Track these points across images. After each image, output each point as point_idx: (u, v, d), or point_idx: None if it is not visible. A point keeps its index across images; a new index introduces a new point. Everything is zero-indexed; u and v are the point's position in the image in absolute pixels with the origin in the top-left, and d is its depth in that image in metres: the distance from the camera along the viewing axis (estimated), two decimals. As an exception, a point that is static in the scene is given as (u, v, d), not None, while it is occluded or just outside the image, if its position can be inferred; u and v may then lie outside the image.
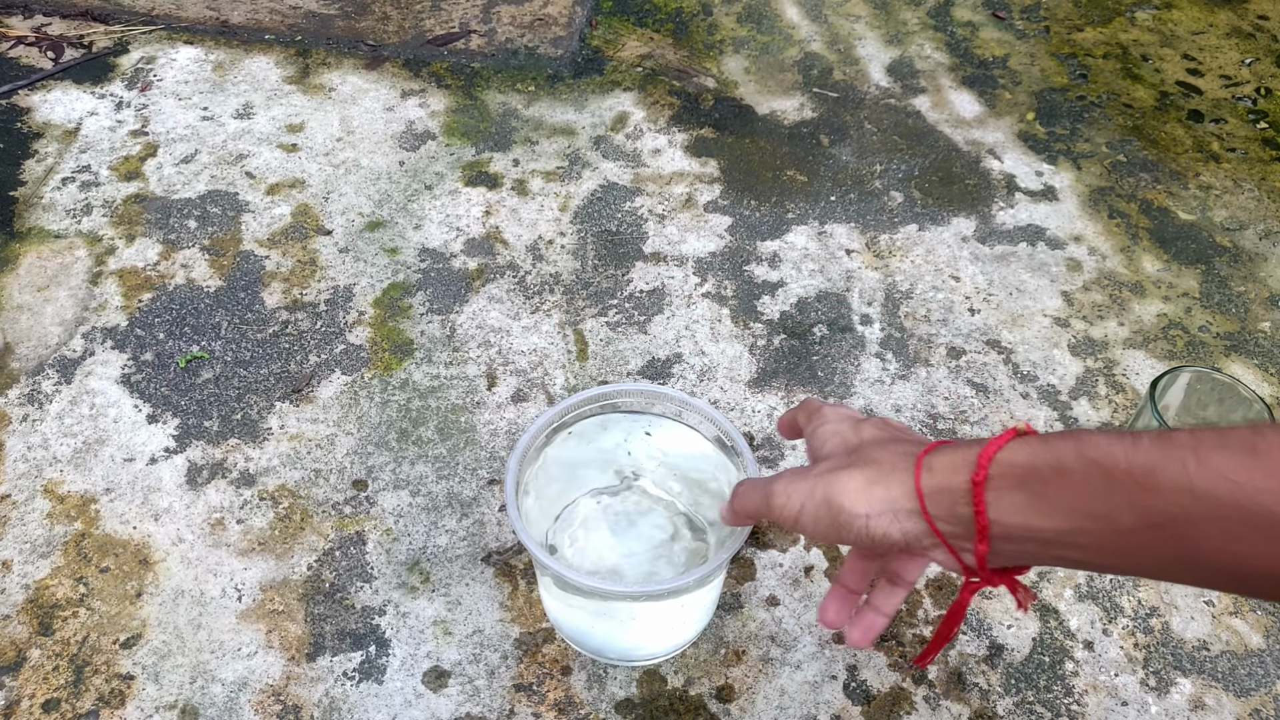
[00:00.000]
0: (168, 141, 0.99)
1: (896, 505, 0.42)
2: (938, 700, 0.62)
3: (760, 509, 0.48)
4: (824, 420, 0.50)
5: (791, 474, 0.46)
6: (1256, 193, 0.99)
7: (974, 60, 1.15)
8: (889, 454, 0.43)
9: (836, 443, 0.47)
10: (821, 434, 0.49)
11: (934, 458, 0.41)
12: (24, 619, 0.64)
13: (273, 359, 0.80)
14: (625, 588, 0.54)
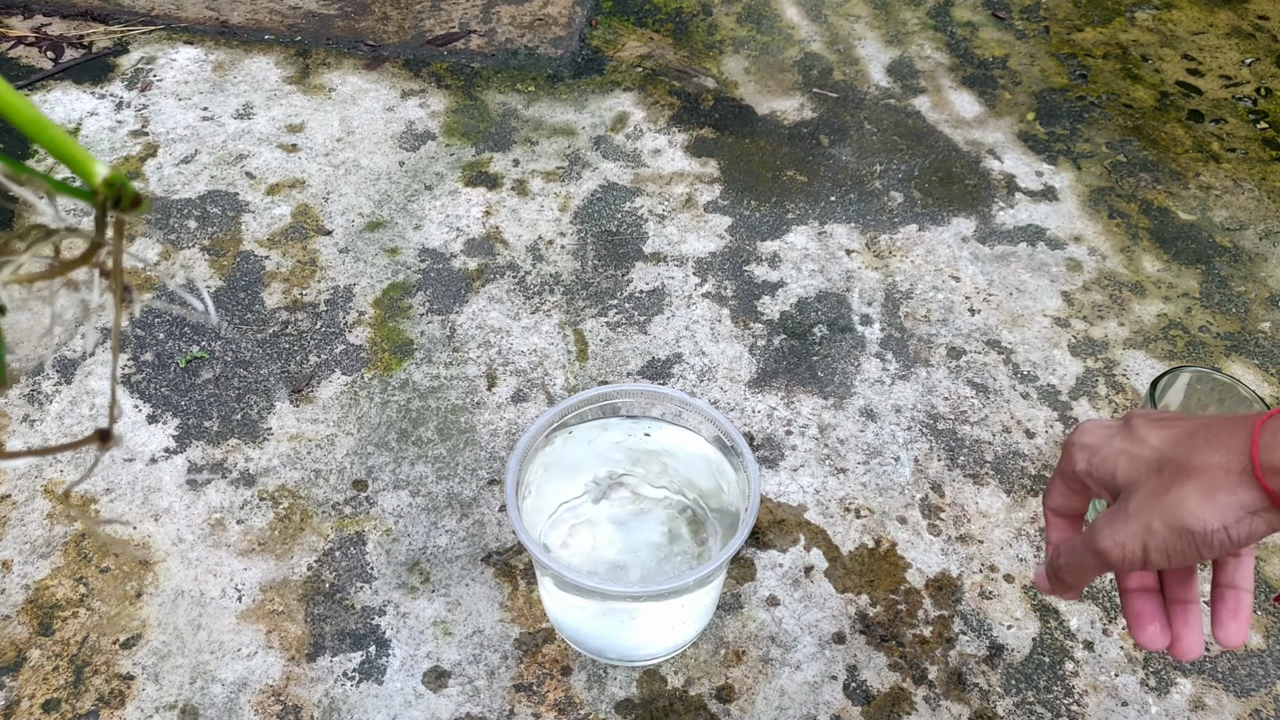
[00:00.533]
0: (168, 142, 0.99)
1: (1251, 507, 0.39)
2: (938, 700, 0.62)
3: (1097, 568, 0.44)
4: (1090, 449, 0.45)
5: (1108, 521, 0.43)
6: (1256, 193, 0.99)
7: (974, 60, 1.15)
8: (1211, 456, 0.40)
9: (1129, 465, 0.43)
10: (1101, 463, 0.44)
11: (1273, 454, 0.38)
12: (24, 619, 0.64)
13: (273, 359, 0.80)
14: (625, 588, 0.54)
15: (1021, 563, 0.69)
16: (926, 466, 0.75)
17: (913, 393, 0.80)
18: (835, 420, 0.77)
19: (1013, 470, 0.75)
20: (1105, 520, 0.43)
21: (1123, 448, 0.44)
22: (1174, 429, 0.43)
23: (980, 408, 0.79)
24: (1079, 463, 0.46)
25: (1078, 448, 0.46)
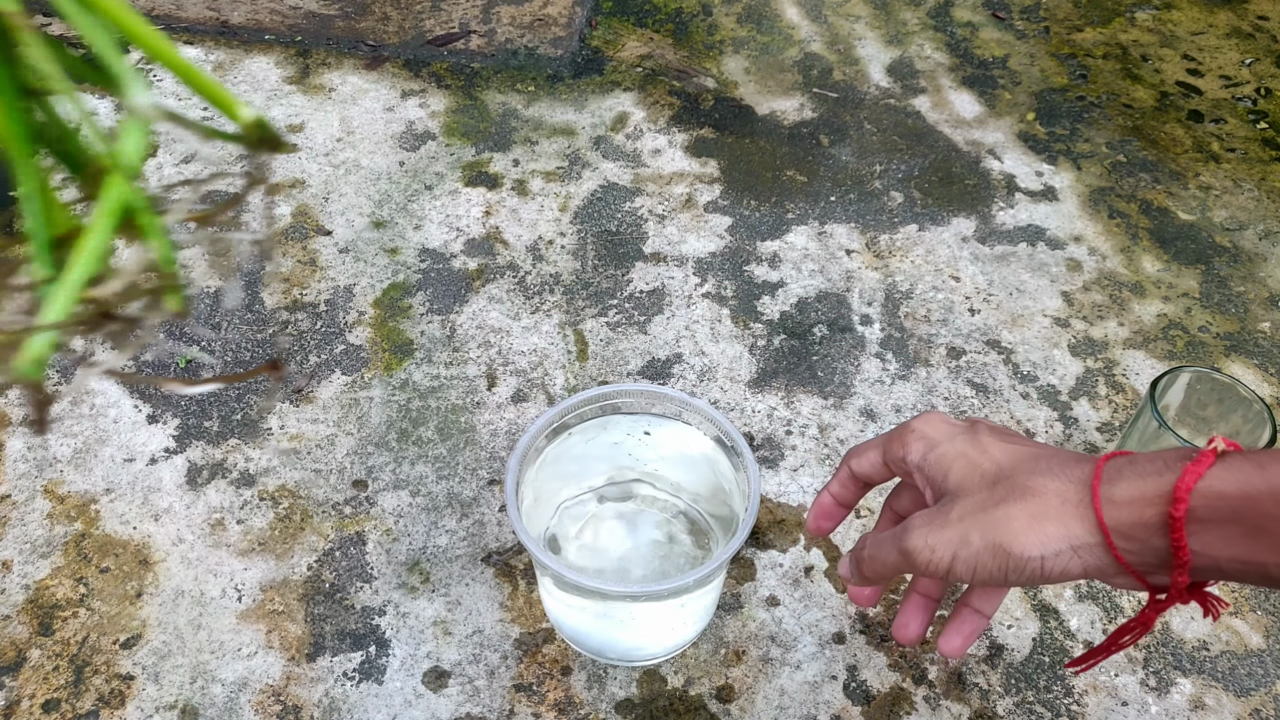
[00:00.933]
0: (168, 142, 0.99)
1: (1076, 541, 0.37)
2: (938, 700, 0.62)
3: (898, 566, 0.42)
4: (929, 442, 0.44)
5: (925, 521, 0.41)
6: (1256, 193, 0.99)
7: (974, 60, 1.15)
8: (1050, 482, 0.38)
9: (964, 470, 0.41)
10: (937, 460, 0.43)
11: (1113, 487, 0.37)
12: (24, 619, 0.64)
13: (273, 359, 0.80)
14: (625, 588, 0.54)
15: (1021, 563, 0.69)
16: (926, 466, 0.75)
17: (913, 393, 0.80)
18: (835, 420, 0.77)
19: (1013, 470, 0.75)
20: (921, 520, 0.41)
21: (963, 450, 0.42)
22: (1019, 446, 0.42)
23: (980, 408, 0.79)
24: (913, 452, 0.44)
25: (916, 436, 0.44)
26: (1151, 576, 0.37)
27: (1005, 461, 0.41)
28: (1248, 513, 0.34)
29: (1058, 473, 0.39)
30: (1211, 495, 0.35)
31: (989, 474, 0.40)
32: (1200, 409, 0.67)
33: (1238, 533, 0.34)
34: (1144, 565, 0.37)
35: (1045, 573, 0.38)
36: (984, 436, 0.43)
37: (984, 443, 0.42)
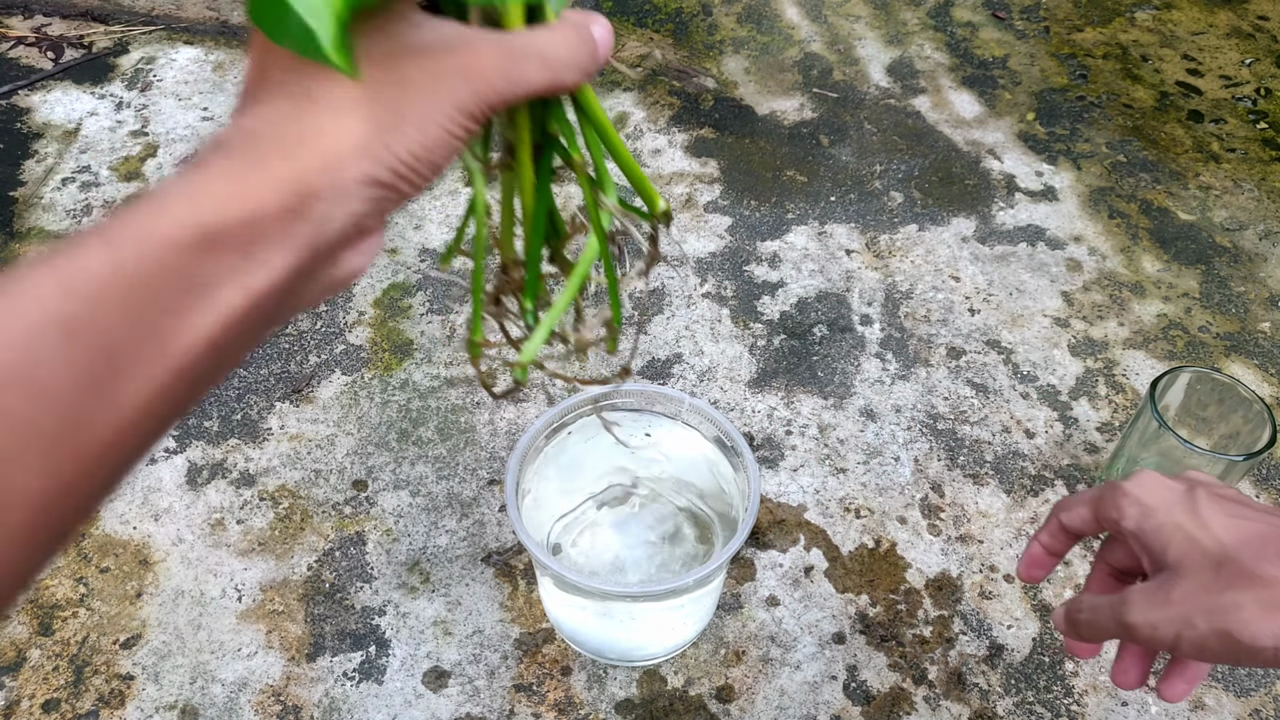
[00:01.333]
0: (168, 142, 0.99)
1: None
2: (938, 700, 0.62)
3: (1115, 634, 0.42)
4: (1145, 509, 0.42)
5: (1145, 597, 0.41)
6: (1256, 193, 0.99)
7: (974, 60, 1.15)
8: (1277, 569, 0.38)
9: (1184, 546, 0.40)
10: (1155, 531, 0.42)
11: None
12: (24, 619, 0.64)
13: (273, 359, 0.80)
14: (625, 588, 0.54)
15: (1021, 563, 0.69)
16: (926, 466, 0.75)
17: (913, 393, 0.80)
18: (835, 420, 0.77)
19: (1012, 470, 0.75)
20: (1142, 595, 0.41)
21: (1181, 523, 0.41)
22: (1243, 522, 0.40)
23: (980, 408, 0.79)
24: (1128, 518, 0.43)
25: (1130, 501, 0.43)
26: None
27: (1229, 541, 0.40)
28: None
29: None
30: None
31: (1212, 554, 0.39)
32: (1200, 409, 0.67)
33: None
34: None
35: (1275, 662, 0.37)
36: (1204, 506, 0.41)
37: (1204, 515, 0.41)
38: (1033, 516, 0.72)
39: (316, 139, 0.27)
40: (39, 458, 0.23)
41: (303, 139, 0.26)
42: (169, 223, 0.25)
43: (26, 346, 0.23)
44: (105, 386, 0.24)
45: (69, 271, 0.24)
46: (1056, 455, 0.76)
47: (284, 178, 0.26)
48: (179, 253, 0.25)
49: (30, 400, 0.23)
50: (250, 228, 0.26)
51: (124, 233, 0.24)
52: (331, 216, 0.27)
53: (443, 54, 0.28)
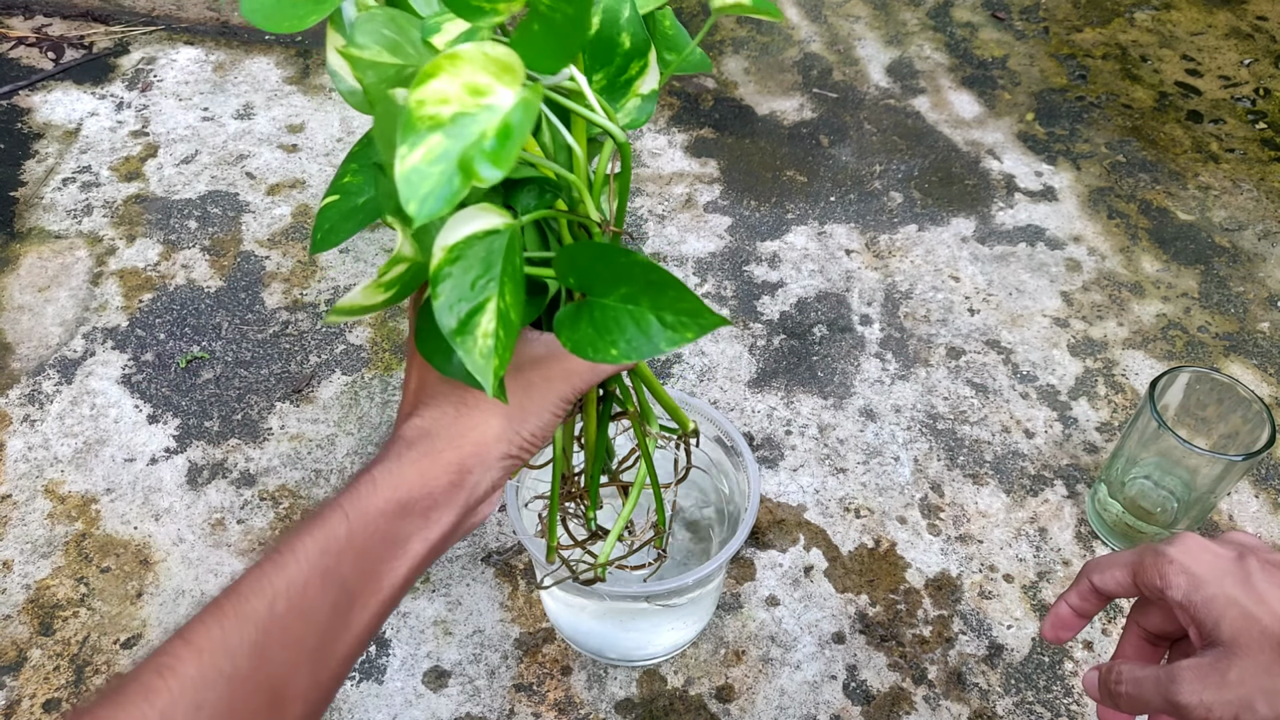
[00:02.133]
0: (168, 142, 0.99)
1: None
2: (938, 700, 0.62)
3: (1162, 710, 0.41)
4: (1194, 579, 0.41)
5: (1198, 676, 0.39)
6: (1255, 193, 0.99)
7: (973, 61, 1.15)
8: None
9: (1240, 623, 0.39)
10: (1206, 604, 0.40)
11: None
12: (25, 619, 0.64)
13: (273, 359, 0.80)
14: (624, 588, 0.54)
15: (1021, 563, 0.69)
16: (926, 466, 0.75)
17: (912, 393, 0.80)
18: (835, 420, 0.77)
19: (1012, 470, 0.75)
20: (1195, 674, 0.39)
21: (1236, 597, 0.40)
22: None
23: (980, 408, 0.79)
24: (1175, 588, 0.41)
25: (1178, 570, 0.41)
26: None
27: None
28: None
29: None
30: None
31: (1272, 634, 0.38)
32: (1200, 409, 0.67)
33: None
34: None
35: None
36: (1258, 579, 0.40)
37: (1260, 589, 0.40)
38: (1032, 516, 0.72)
39: (472, 433, 0.39)
40: (308, 666, 0.35)
41: (464, 435, 0.39)
42: (380, 500, 0.37)
43: (303, 589, 0.35)
44: (345, 615, 0.36)
45: (323, 536, 0.36)
46: (1056, 455, 0.76)
47: (451, 462, 0.38)
48: (387, 520, 0.37)
49: (305, 626, 0.35)
50: (429, 499, 0.38)
51: (354, 507, 0.36)
52: (480, 484, 0.39)
53: (550, 362, 0.40)
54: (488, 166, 0.30)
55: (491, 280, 0.34)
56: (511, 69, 0.31)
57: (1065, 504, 0.73)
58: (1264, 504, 0.74)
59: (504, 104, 0.31)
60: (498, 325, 0.34)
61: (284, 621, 0.34)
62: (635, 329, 0.35)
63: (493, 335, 0.34)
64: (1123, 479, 0.69)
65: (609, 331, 0.36)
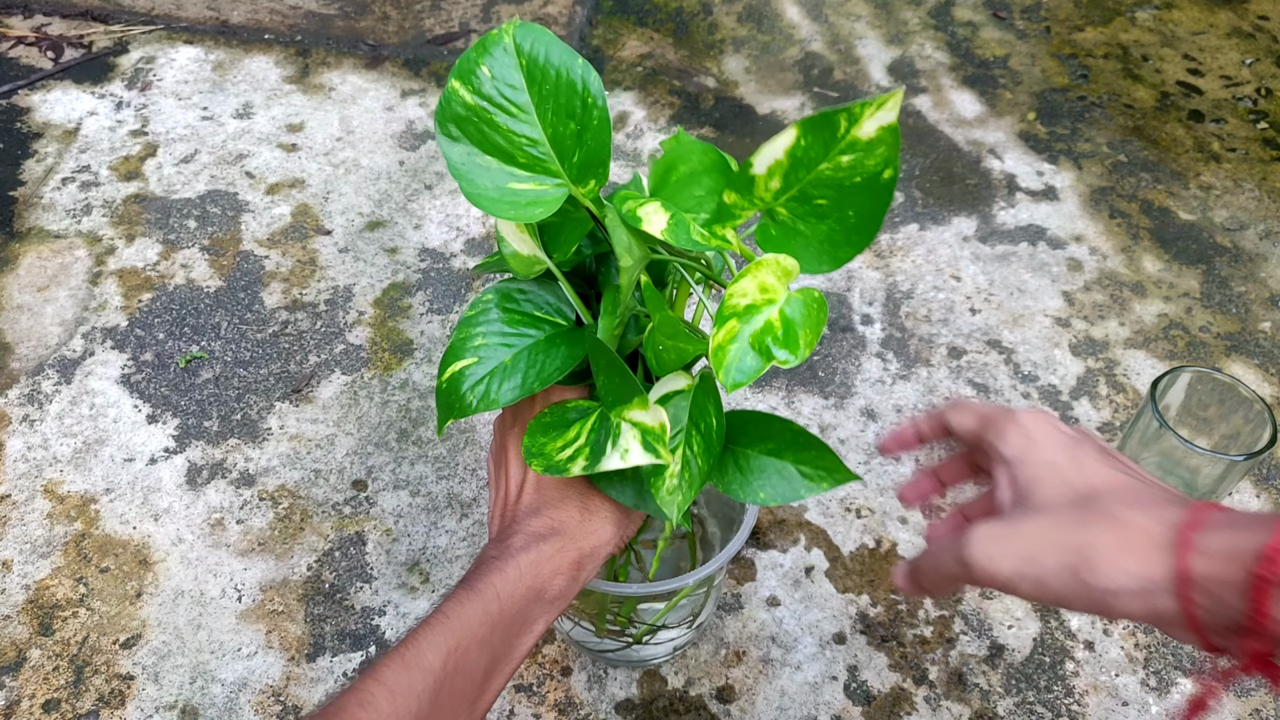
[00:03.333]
0: (167, 141, 0.99)
1: (1151, 585, 0.35)
2: (938, 700, 0.62)
3: (957, 576, 0.39)
4: (1030, 443, 0.41)
5: (988, 535, 0.38)
6: (1257, 193, 0.99)
7: (974, 60, 1.15)
8: (1140, 517, 0.36)
9: (1054, 487, 0.39)
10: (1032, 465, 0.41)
11: (1205, 537, 0.34)
12: (24, 619, 0.64)
13: (272, 359, 0.80)
14: (625, 588, 0.54)
15: (1022, 563, 0.69)
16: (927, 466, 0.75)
17: (913, 392, 0.80)
18: (836, 420, 0.77)
19: (1013, 470, 0.74)
20: (989, 531, 0.38)
21: (1058, 464, 0.40)
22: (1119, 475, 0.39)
23: (981, 408, 0.79)
24: (1010, 445, 0.42)
25: (1019, 432, 0.42)
26: (1217, 638, 0.35)
27: (1099, 484, 0.39)
28: None
29: (1149, 508, 0.36)
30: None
31: (1080, 492, 0.38)
32: (1201, 409, 0.67)
33: None
34: (1214, 624, 0.34)
35: (1110, 607, 0.36)
36: (1086, 457, 0.40)
37: (1083, 461, 0.40)
38: (1033, 516, 0.72)
39: (593, 535, 0.46)
40: (465, 716, 0.42)
41: (586, 536, 0.46)
42: (523, 587, 0.43)
43: (465, 652, 0.41)
44: (490, 678, 0.43)
45: (481, 610, 0.42)
46: (1057, 455, 0.76)
47: (574, 559, 0.45)
48: (524, 604, 0.43)
49: (466, 683, 0.41)
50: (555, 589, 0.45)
51: (504, 589, 0.43)
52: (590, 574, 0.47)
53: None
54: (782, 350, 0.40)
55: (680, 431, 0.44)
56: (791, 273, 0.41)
57: (1066, 504, 0.73)
58: (1265, 504, 0.73)
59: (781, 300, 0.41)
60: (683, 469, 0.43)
61: (452, 678, 0.41)
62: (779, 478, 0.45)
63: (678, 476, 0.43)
64: (1124, 479, 0.68)
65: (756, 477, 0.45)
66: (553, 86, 0.44)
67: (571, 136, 0.44)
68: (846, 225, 0.40)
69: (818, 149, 0.38)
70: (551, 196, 0.44)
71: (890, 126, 0.37)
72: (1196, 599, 0.34)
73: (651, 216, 0.41)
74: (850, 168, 0.38)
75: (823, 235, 0.41)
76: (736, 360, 0.39)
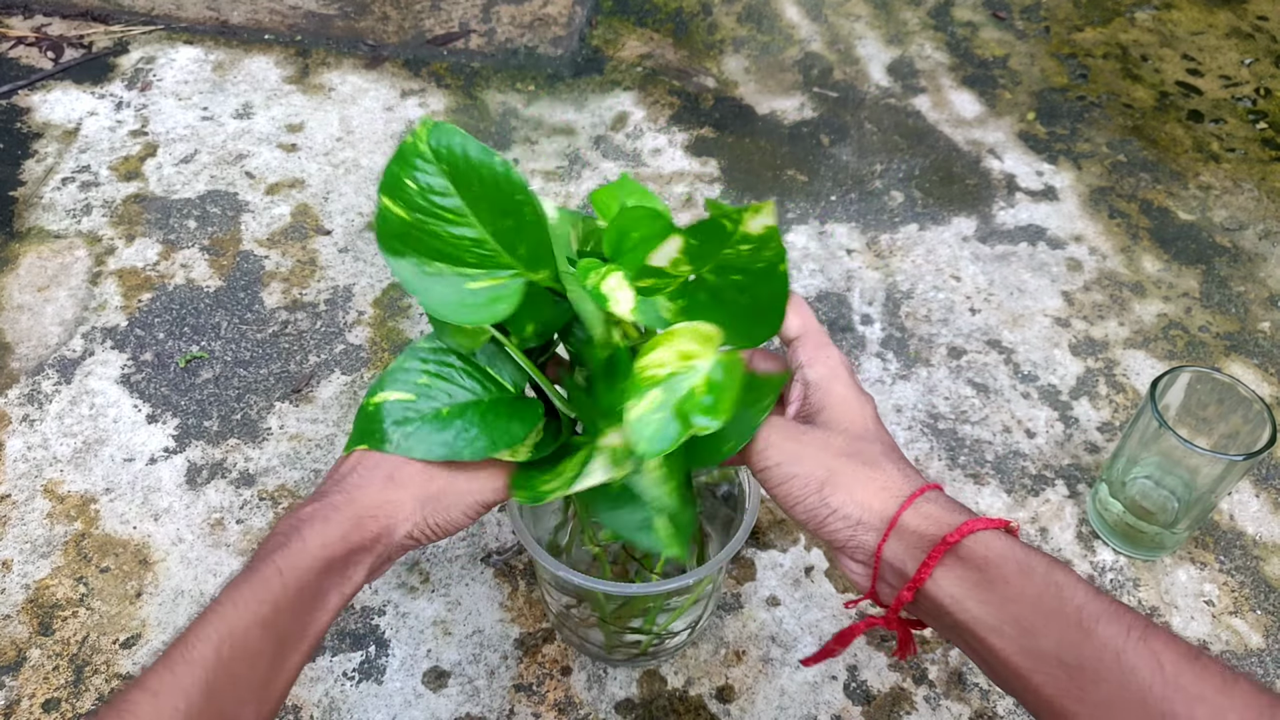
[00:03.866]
0: (167, 141, 0.99)
1: (867, 517, 0.41)
2: (938, 700, 0.62)
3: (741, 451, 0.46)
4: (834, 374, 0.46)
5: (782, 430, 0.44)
6: (1256, 193, 0.99)
7: (974, 60, 1.15)
8: (893, 468, 0.43)
9: (841, 417, 0.45)
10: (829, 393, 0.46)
11: (924, 503, 0.41)
12: (24, 619, 0.64)
13: (272, 359, 0.80)
14: (625, 588, 0.54)
15: (1022, 563, 0.69)
16: (927, 466, 0.75)
17: (913, 392, 0.80)
18: (835, 420, 0.77)
19: (1013, 470, 0.75)
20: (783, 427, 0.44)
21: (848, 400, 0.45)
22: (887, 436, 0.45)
23: (981, 407, 0.79)
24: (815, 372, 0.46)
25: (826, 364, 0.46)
26: (882, 583, 0.42)
27: (872, 435, 0.44)
28: (991, 568, 0.38)
29: (900, 468, 0.43)
30: (979, 543, 0.38)
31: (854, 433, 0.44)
32: (1200, 409, 0.67)
33: (972, 579, 0.38)
34: (887, 570, 0.41)
35: (823, 522, 0.42)
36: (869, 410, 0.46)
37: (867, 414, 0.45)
38: (1033, 516, 0.72)
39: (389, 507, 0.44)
40: (254, 704, 0.40)
41: (382, 508, 0.44)
42: (309, 559, 0.42)
43: (245, 635, 0.39)
44: (281, 658, 0.41)
45: (262, 589, 0.40)
46: (1057, 455, 0.76)
47: (370, 530, 0.44)
48: (315, 576, 0.42)
49: (249, 668, 0.40)
50: (347, 557, 0.43)
51: (287, 563, 0.41)
52: (389, 548, 0.45)
53: (478, 469, 0.47)
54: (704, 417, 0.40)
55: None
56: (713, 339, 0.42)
57: (1066, 504, 0.73)
58: (1265, 504, 0.73)
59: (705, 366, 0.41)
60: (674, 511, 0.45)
61: (230, 665, 0.39)
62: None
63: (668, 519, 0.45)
64: (1124, 479, 0.69)
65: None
66: (480, 186, 0.44)
67: (512, 231, 0.44)
68: (760, 304, 0.41)
69: (712, 245, 0.40)
70: (511, 289, 0.44)
71: (771, 227, 0.39)
72: (890, 543, 0.41)
73: (617, 295, 0.42)
74: (750, 255, 0.40)
75: (746, 307, 0.42)
76: (659, 430, 0.40)
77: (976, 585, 0.38)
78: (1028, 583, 0.37)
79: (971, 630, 0.38)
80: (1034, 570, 0.38)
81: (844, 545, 0.42)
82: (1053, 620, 0.36)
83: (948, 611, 0.39)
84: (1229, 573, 0.69)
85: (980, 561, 0.38)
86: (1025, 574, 0.37)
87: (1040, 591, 0.37)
